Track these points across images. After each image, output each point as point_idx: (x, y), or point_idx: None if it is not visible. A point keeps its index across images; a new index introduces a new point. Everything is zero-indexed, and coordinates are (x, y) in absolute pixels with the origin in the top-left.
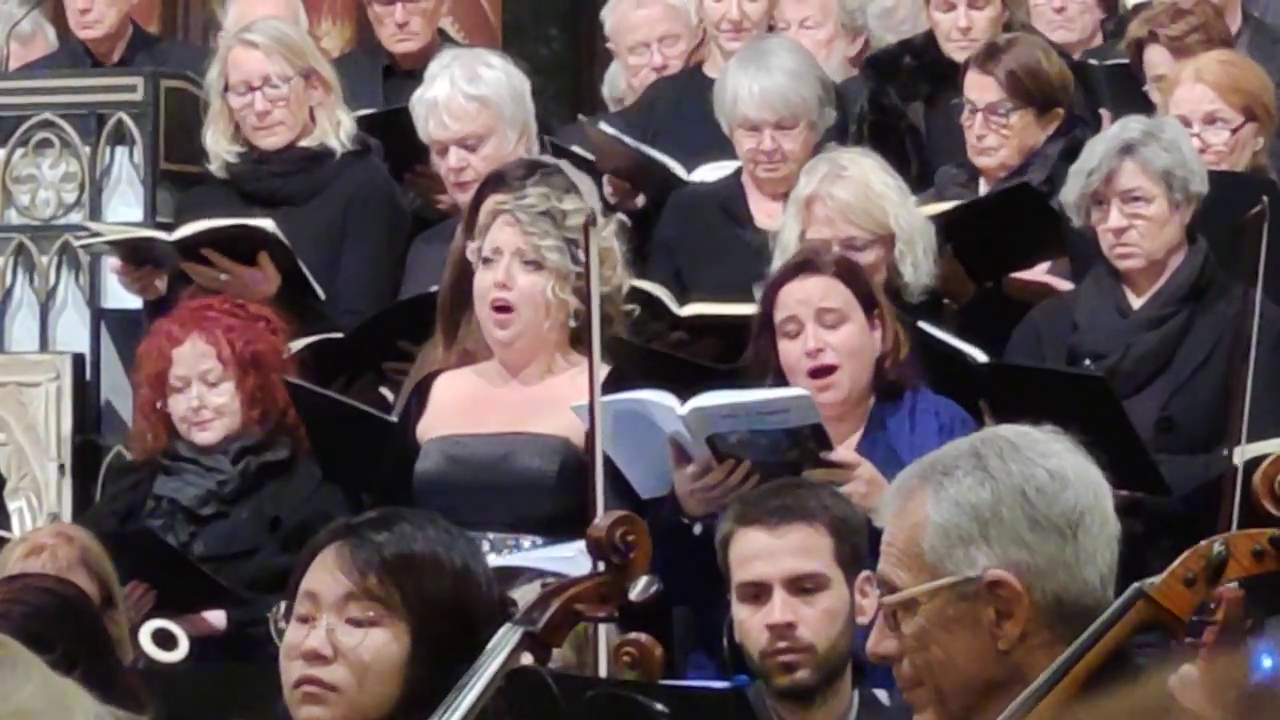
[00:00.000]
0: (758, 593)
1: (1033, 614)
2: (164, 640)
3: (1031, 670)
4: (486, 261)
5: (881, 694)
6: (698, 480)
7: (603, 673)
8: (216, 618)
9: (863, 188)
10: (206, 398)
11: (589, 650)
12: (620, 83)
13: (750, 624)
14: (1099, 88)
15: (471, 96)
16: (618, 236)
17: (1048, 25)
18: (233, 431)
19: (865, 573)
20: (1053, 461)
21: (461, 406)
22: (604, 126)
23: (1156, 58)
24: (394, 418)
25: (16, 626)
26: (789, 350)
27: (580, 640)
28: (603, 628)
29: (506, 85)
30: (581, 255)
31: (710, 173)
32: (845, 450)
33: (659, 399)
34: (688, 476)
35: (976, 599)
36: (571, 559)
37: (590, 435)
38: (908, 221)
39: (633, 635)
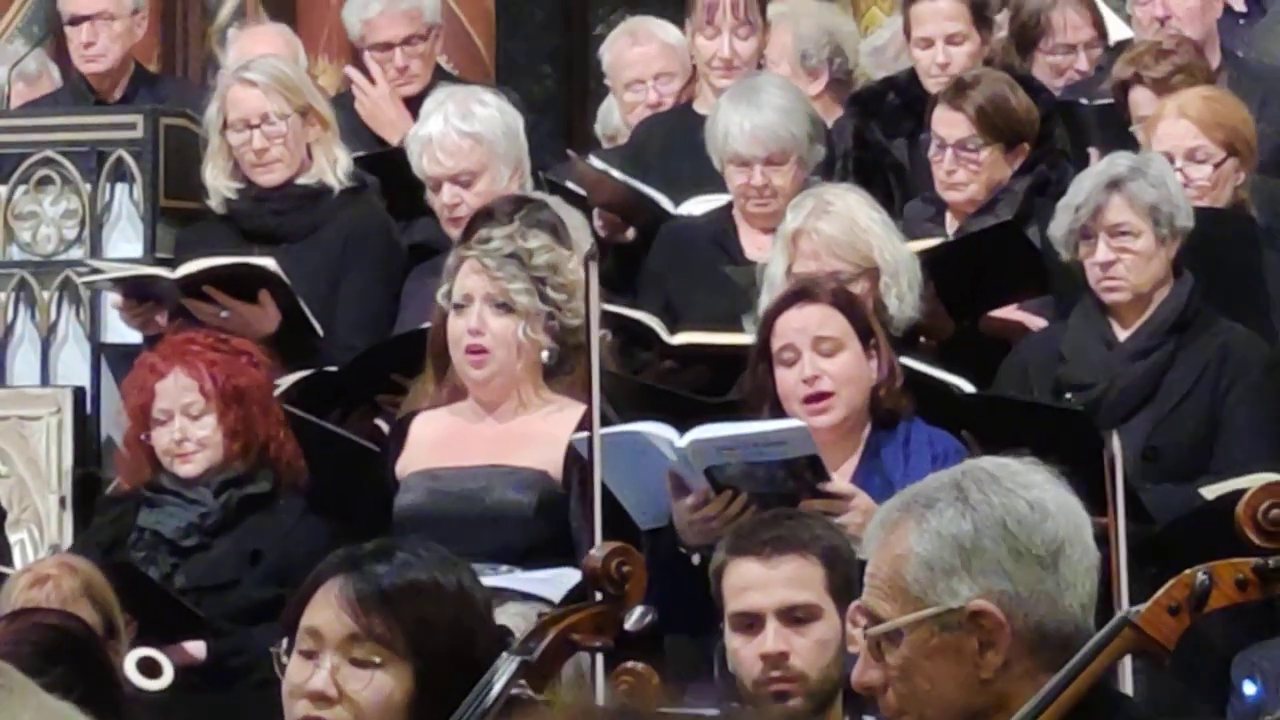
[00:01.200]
0: (751, 623)
1: (1015, 643)
2: (149, 669)
3: (1014, 699)
4: (458, 308)
5: None
6: (696, 511)
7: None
8: (197, 648)
9: (848, 222)
10: (189, 430)
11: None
12: (613, 119)
13: (744, 653)
14: (1087, 127)
15: (465, 133)
16: (588, 262)
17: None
18: (215, 464)
19: (857, 602)
20: (1033, 492)
21: (439, 442)
22: (593, 161)
23: (1141, 98)
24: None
25: (25, 663)
26: (785, 378)
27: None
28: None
29: (500, 122)
30: (550, 293)
31: (697, 206)
32: (842, 481)
33: (657, 430)
34: (686, 508)
35: (959, 629)
36: (548, 580)
37: (589, 467)
38: (893, 255)
39: (630, 663)
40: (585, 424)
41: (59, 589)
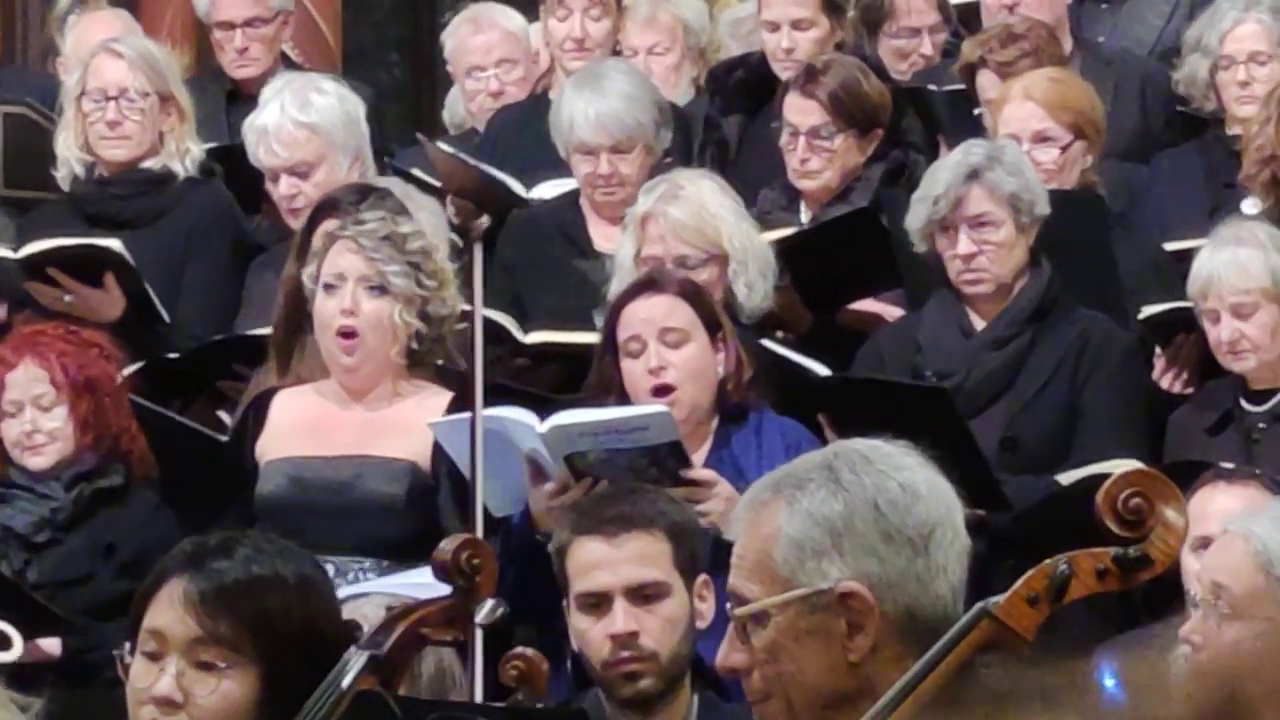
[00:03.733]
0: (598, 602)
1: (884, 626)
2: None
3: (881, 683)
4: (329, 288)
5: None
6: (555, 498)
7: (479, 690)
8: (51, 645)
9: (697, 206)
10: (39, 422)
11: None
12: (460, 109)
13: (591, 634)
14: (936, 113)
15: (301, 124)
16: (451, 259)
17: None
18: (66, 456)
19: (703, 577)
20: (905, 474)
21: (303, 427)
22: (441, 145)
23: (987, 82)
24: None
25: None
26: (631, 369)
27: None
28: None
29: (339, 111)
30: (423, 279)
31: (550, 189)
32: (703, 468)
33: (517, 416)
34: (544, 494)
35: (828, 611)
36: (424, 585)
37: (470, 454)
38: (742, 243)
39: (519, 650)
40: (452, 411)
41: None
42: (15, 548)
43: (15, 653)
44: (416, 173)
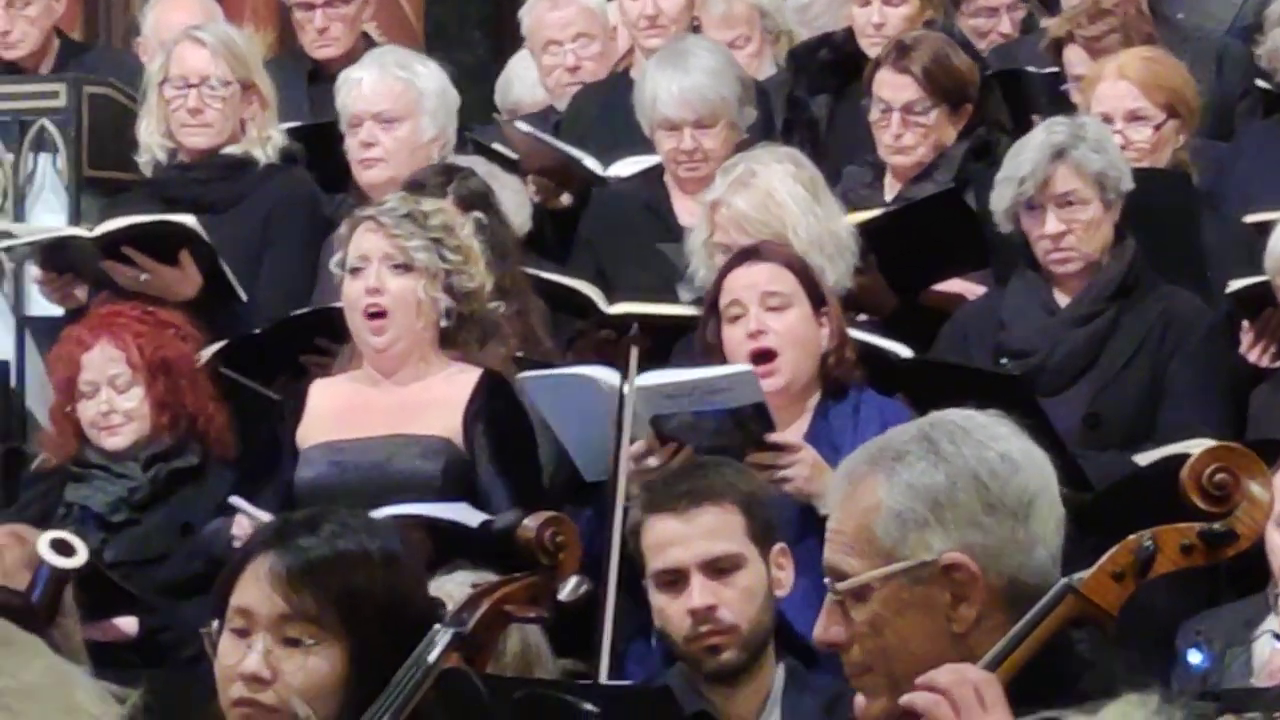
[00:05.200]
0: (674, 579)
1: (987, 597)
2: (62, 549)
3: (984, 654)
4: (354, 271)
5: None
6: (640, 462)
7: (544, 652)
8: (128, 624)
9: (763, 196)
10: (116, 403)
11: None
12: (512, 92)
13: (670, 611)
14: (1032, 95)
15: (399, 77)
16: (477, 236)
17: None
18: (142, 437)
19: (780, 545)
20: (1002, 444)
21: (339, 412)
22: (519, 124)
23: (1074, 57)
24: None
25: None
26: (732, 334)
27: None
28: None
29: (437, 81)
30: (447, 254)
31: (626, 168)
32: (787, 433)
33: (603, 375)
34: (631, 457)
35: (931, 583)
36: (456, 509)
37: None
38: (808, 232)
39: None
40: (481, 388)
41: (2, 560)
42: (92, 527)
43: (79, 560)
44: (497, 147)
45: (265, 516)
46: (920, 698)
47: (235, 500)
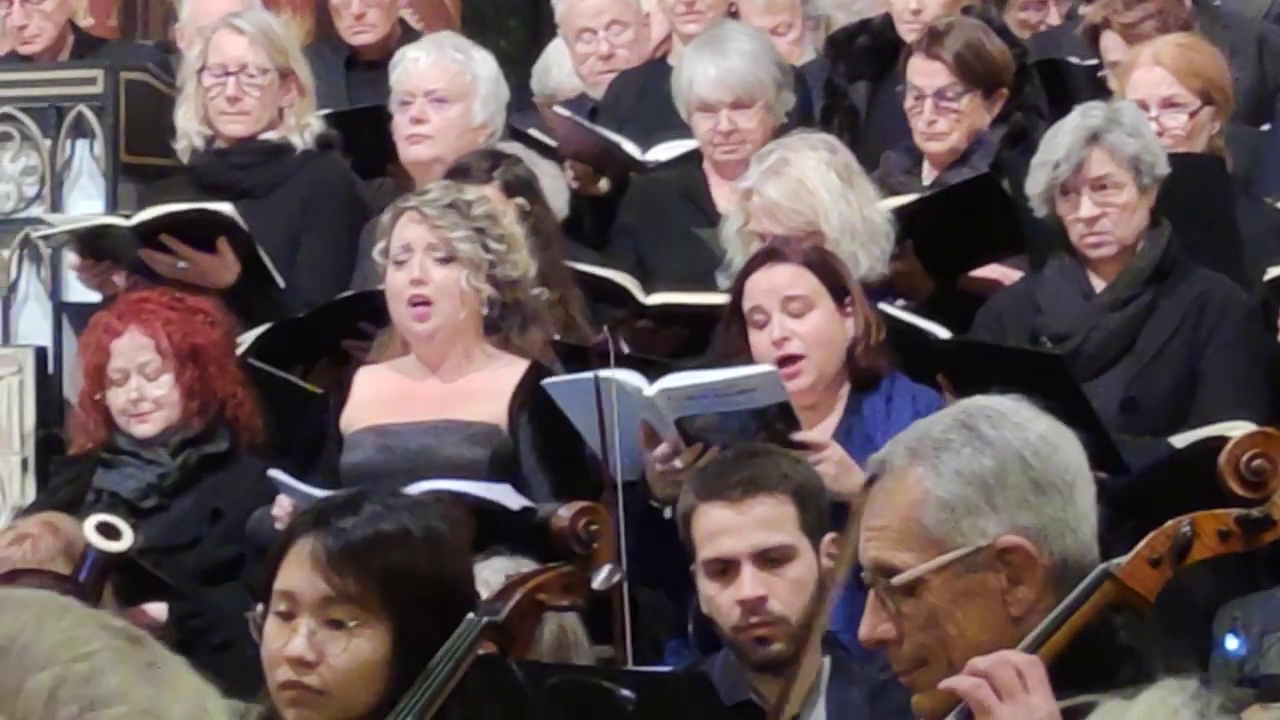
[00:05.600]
0: (725, 568)
1: (1042, 576)
2: (109, 532)
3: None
4: (398, 262)
5: None
6: (666, 463)
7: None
8: (158, 610)
9: (795, 184)
10: (145, 390)
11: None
12: (549, 80)
13: (720, 600)
14: (1074, 85)
15: (456, 59)
16: (520, 223)
17: None
18: (172, 424)
19: (830, 535)
20: (1038, 425)
21: (385, 399)
22: (559, 108)
23: (1110, 44)
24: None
25: None
26: (758, 340)
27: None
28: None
29: (491, 70)
30: (490, 243)
31: (664, 152)
32: (813, 432)
33: (627, 379)
34: (656, 458)
35: (986, 568)
36: (500, 489)
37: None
38: (840, 219)
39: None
40: (528, 379)
41: (37, 548)
42: (122, 514)
43: (125, 543)
44: (534, 133)
45: (303, 488)
46: (962, 681)
47: (274, 473)
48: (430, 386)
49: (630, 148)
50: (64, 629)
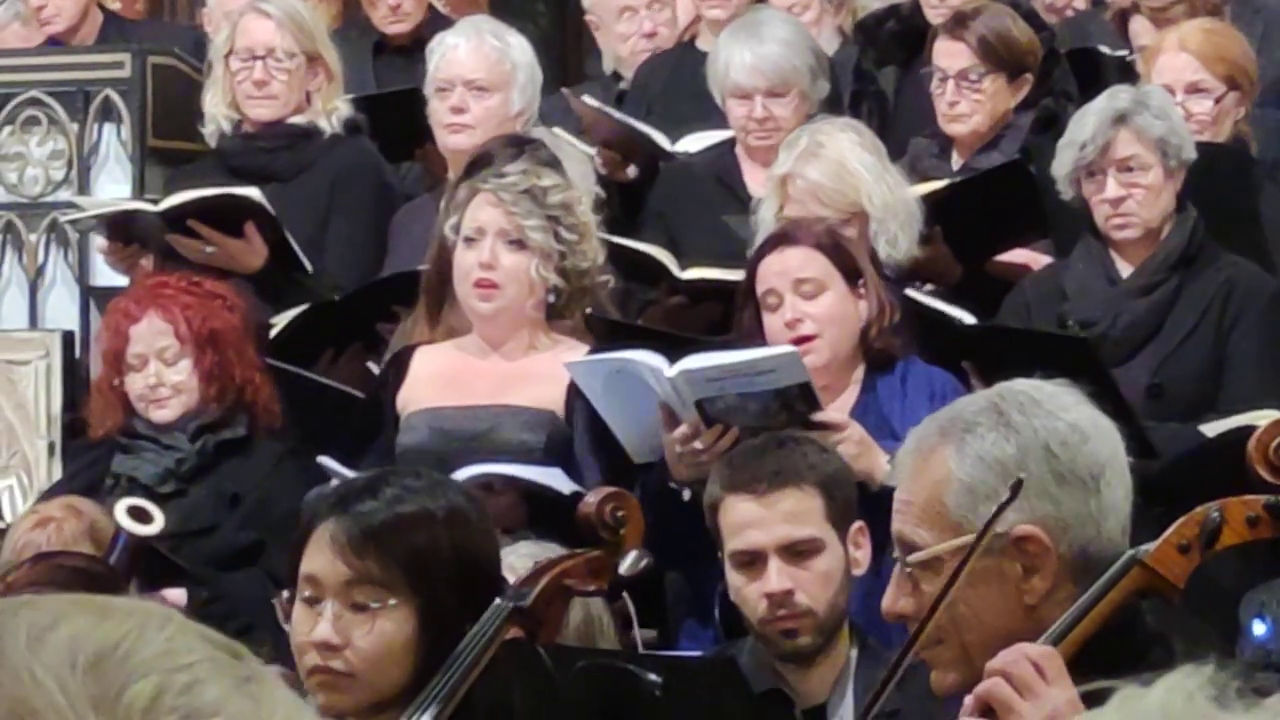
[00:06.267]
0: (752, 560)
1: (1059, 568)
2: (140, 516)
3: (1053, 624)
4: (469, 241)
5: None
6: (686, 445)
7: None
8: (176, 596)
9: (836, 166)
10: (164, 375)
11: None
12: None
13: (747, 592)
14: (1106, 75)
15: (495, 47)
16: (594, 211)
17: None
18: (190, 409)
19: (858, 523)
20: (1071, 414)
21: (442, 379)
22: (586, 98)
23: (1139, 28)
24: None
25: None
26: (771, 323)
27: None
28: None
29: (528, 58)
30: (563, 232)
31: (694, 143)
32: (833, 411)
33: (647, 359)
34: (676, 440)
35: (1003, 554)
36: (552, 473)
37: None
38: (882, 200)
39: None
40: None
41: (61, 532)
42: (140, 499)
43: (156, 527)
44: (557, 132)
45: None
46: (980, 687)
47: (324, 460)
48: (491, 365)
49: (660, 138)
50: (166, 638)
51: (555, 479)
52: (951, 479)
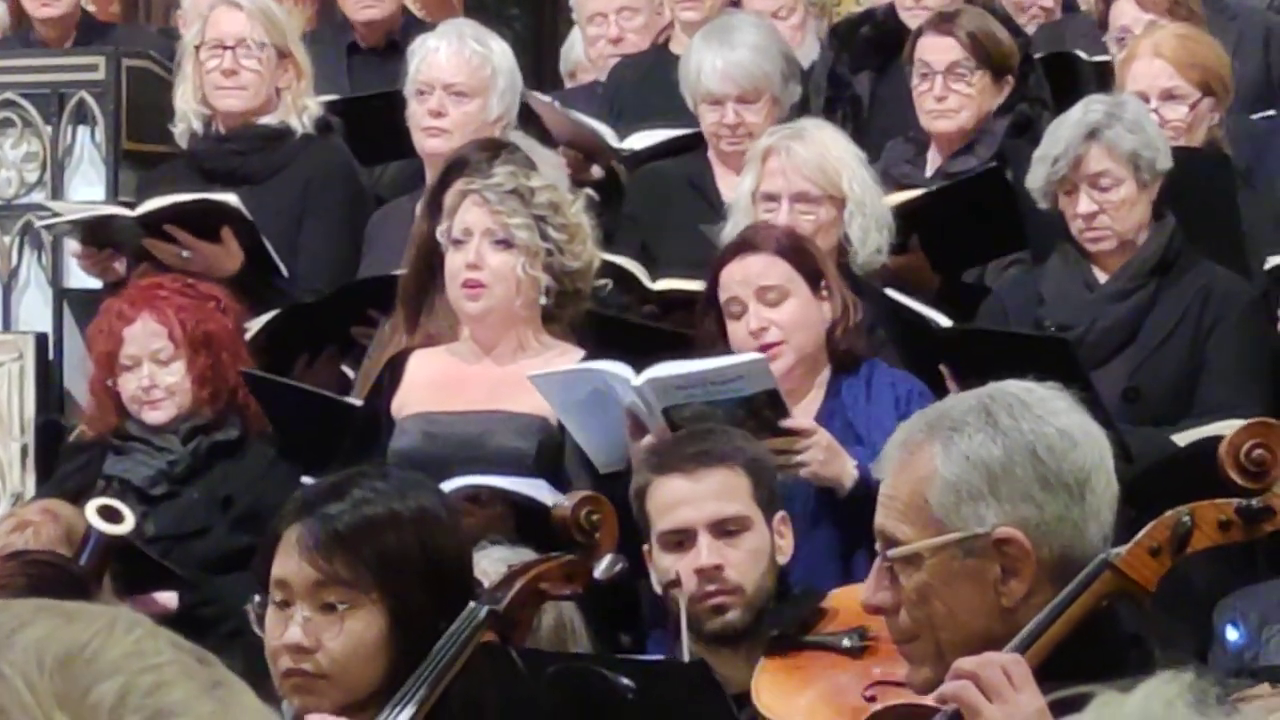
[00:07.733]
0: (682, 539)
1: (1038, 572)
2: (110, 515)
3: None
4: (457, 243)
5: None
6: None
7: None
8: (168, 599)
9: (821, 148)
10: (157, 377)
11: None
12: (573, 54)
13: (676, 570)
14: (1083, 79)
15: (476, 51)
16: (586, 212)
17: None
18: (183, 411)
19: (781, 513)
20: (1061, 420)
21: (436, 384)
22: (538, 95)
23: (1121, 9)
24: (357, 399)
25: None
26: (735, 331)
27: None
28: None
29: (508, 62)
30: (551, 232)
31: (640, 140)
32: (801, 417)
33: (614, 369)
34: (643, 449)
35: (982, 555)
36: (536, 484)
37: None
38: (860, 189)
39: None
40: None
41: (39, 535)
42: (132, 501)
43: (127, 526)
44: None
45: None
46: (948, 686)
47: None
48: (484, 370)
49: (607, 134)
50: (134, 640)
51: (540, 490)
52: (936, 476)
